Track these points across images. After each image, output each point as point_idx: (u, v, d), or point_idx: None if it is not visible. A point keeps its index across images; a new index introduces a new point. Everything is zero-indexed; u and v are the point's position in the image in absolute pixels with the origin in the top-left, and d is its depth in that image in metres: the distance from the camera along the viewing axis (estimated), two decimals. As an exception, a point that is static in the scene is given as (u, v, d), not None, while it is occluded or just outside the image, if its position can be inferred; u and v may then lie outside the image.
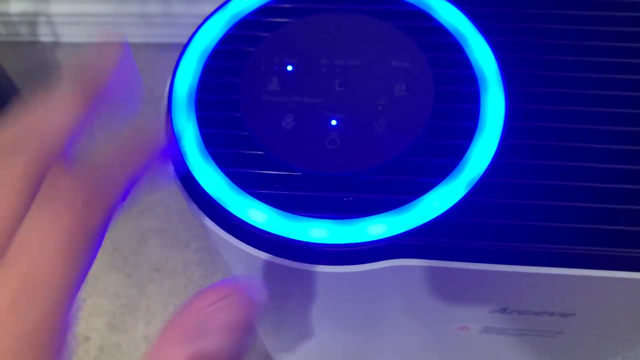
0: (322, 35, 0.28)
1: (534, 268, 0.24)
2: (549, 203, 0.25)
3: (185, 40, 0.29)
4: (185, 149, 0.26)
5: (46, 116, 0.18)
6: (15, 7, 0.82)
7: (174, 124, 0.26)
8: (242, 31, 0.29)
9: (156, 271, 0.67)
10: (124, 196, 0.18)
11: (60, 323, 0.16)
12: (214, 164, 0.26)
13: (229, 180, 0.25)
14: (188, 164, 0.25)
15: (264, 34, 0.28)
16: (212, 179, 0.25)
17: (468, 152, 0.26)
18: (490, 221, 0.24)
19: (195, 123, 0.26)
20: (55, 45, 0.86)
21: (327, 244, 0.24)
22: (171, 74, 0.28)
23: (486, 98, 0.27)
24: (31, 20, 0.83)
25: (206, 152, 0.26)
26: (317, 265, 0.25)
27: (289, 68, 0.27)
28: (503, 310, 0.30)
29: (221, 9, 0.29)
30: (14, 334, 0.15)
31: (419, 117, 0.26)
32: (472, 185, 0.25)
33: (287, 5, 0.29)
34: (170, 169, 0.26)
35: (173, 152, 0.26)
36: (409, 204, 0.24)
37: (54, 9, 0.82)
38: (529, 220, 0.24)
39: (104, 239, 0.17)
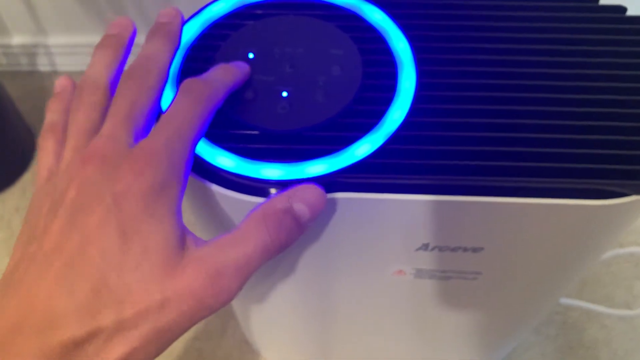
0: (276, 32, 0.37)
1: (438, 197, 0.32)
2: (447, 148, 0.32)
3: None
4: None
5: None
6: (16, 40, 0.90)
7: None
8: (214, 31, 0.37)
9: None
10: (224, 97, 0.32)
11: (190, 153, 0.29)
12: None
13: (206, 139, 0.33)
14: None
15: (230, 32, 0.37)
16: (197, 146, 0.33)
17: (386, 115, 0.34)
18: (403, 161, 0.32)
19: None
20: (53, 73, 0.95)
21: (279, 180, 0.32)
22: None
23: (402, 76, 0.35)
24: (30, 52, 0.92)
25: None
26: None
27: (250, 56, 0.35)
28: (425, 247, 0.37)
29: (197, 15, 0.38)
30: (169, 158, 0.27)
31: (349, 89, 0.34)
32: (388, 137, 0.33)
33: (248, 12, 0.38)
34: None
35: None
36: (340, 150, 0.32)
37: (52, 40, 0.90)
38: (432, 160, 0.32)
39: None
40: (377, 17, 0.38)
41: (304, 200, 0.30)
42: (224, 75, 0.32)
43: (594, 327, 0.67)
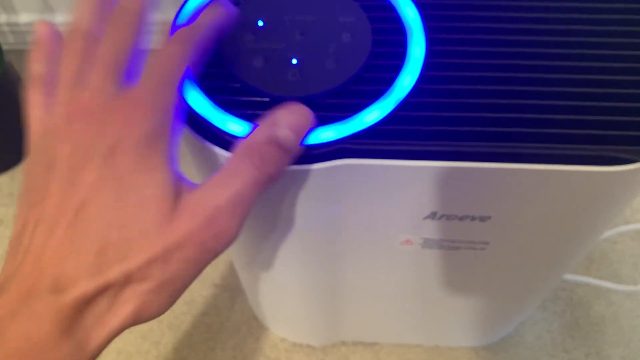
0: (286, 0, 0.36)
1: (446, 163, 0.32)
2: (457, 114, 0.33)
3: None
4: (184, 93, 0.33)
5: None
6: (23, 18, 0.90)
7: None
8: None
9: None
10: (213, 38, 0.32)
11: (176, 100, 0.29)
12: (206, 95, 0.33)
13: (217, 106, 0.33)
14: (190, 105, 0.33)
15: (239, 1, 0.37)
16: (204, 106, 0.33)
17: (396, 81, 0.34)
18: (413, 128, 0.32)
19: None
20: (59, 52, 0.95)
21: (289, 145, 0.32)
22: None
23: (411, 43, 0.35)
24: (37, 30, 0.92)
25: (202, 90, 0.34)
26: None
27: (260, 23, 0.35)
28: (433, 216, 0.38)
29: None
30: (157, 105, 0.28)
31: (359, 57, 0.34)
32: (398, 103, 0.33)
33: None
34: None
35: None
36: (350, 117, 0.32)
37: (58, 18, 0.90)
38: (442, 126, 0.32)
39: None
40: (387, -15, 0.37)
41: (288, 125, 0.30)
42: (211, 18, 0.32)
43: (601, 304, 0.67)
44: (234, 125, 0.32)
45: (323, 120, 0.32)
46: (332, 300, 0.55)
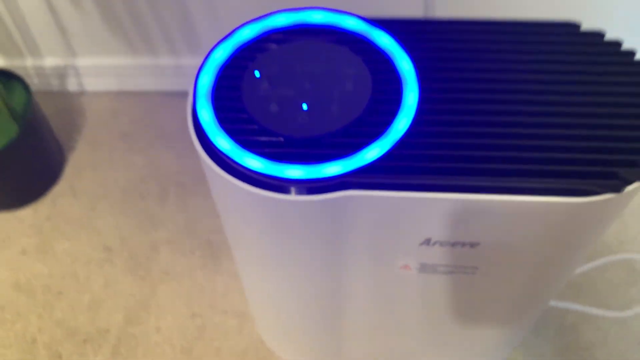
0: (297, 54, 0.42)
1: (438, 194, 0.37)
2: (447, 152, 0.38)
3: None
4: (208, 132, 0.39)
5: None
6: (48, 61, 0.97)
7: (198, 111, 0.40)
8: (243, 54, 0.43)
9: (165, 274, 0.79)
10: None
11: None
12: (227, 135, 0.39)
13: (237, 144, 0.38)
14: (213, 143, 0.38)
15: (257, 55, 0.42)
16: (225, 146, 0.38)
17: (393, 124, 0.39)
18: (408, 164, 0.37)
19: (213, 111, 0.40)
20: (81, 93, 1.01)
21: (301, 179, 0.37)
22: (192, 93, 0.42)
23: (406, 92, 0.40)
24: (60, 73, 0.99)
25: (223, 130, 0.39)
26: (294, 196, 0.38)
27: (275, 71, 0.41)
28: (428, 242, 0.42)
29: (227, 38, 0.43)
30: None
31: (361, 102, 0.40)
32: (395, 142, 0.38)
33: (270, 37, 0.43)
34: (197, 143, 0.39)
35: (199, 135, 0.39)
36: (353, 154, 0.38)
37: (80, 62, 0.97)
38: (434, 162, 0.37)
39: (123, 248, 0.30)
40: (385, 40, 0.43)
41: None
42: None
43: (590, 329, 0.71)
44: (252, 161, 0.37)
45: (329, 157, 0.37)
46: (336, 325, 0.59)
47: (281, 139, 0.39)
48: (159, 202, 0.86)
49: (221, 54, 0.43)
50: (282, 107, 0.40)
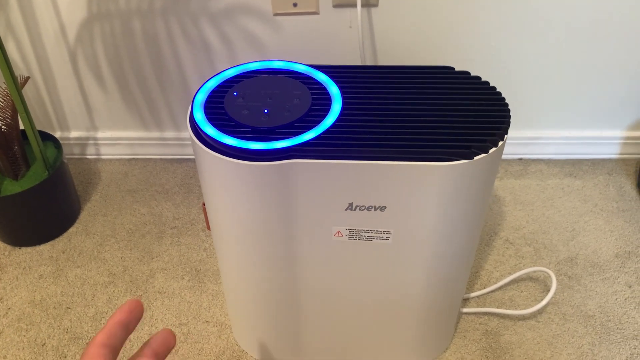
0: (262, 83, 0.64)
1: (353, 161, 0.57)
2: (358, 136, 0.58)
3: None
4: (200, 125, 0.59)
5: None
6: (73, 133, 1.19)
7: (194, 114, 0.60)
8: (225, 83, 0.64)
9: (159, 294, 0.94)
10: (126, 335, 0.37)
11: None
12: (212, 126, 0.59)
13: (218, 131, 0.58)
14: (203, 130, 0.58)
15: (234, 84, 0.64)
16: (210, 132, 0.58)
17: (323, 121, 0.59)
18: (332, 142, 0.57)
19: (204, 114, 0.60)
20: (97, 160, 1.22)
21: (261, 149, 0.56)
22: (188, 118, 0.63)
23: (333, 104, 0.61)
24: (82, 143, 1.20)
25: (210, 124, 0.59)
26: (256, 163, 0.57)
27: (247, 92, 0.62)
28: (351, 206, 0.61)
29: (215, 76, 0.65)
30: None
31: (303, 109, 0.60)
32: (324, 130, 0.58)
33: (247, 75, 0.65)
34: (193, 137, 0.60)
35: (194, 129, 0.59)
36: (296, 136, 0.58)
37: (100, 134, 1.19)
38: (349, 142, 0.57)
39: (125, 274, 0.48)
40: (321, 77, 0.65)
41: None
42: (120, 328, 0.36)
43: (509, 332, 0.86)
44: (229, 140, 0.57)
45: (280, 138, 0.57)
46: (293, 314, 0.75)
47: (249, 129, 0.59)
48: (157, 240, 1.03)
49: (212, 84, 0.64)
50: (251, 112, 0.60)
